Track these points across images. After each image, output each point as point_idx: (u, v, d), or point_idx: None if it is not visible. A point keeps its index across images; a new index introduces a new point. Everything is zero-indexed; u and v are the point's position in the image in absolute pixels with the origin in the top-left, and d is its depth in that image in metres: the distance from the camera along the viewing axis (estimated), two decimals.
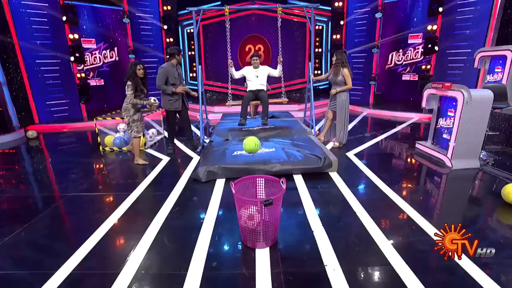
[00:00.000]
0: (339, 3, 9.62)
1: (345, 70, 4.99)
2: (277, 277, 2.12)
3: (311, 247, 2.44)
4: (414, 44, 9.02)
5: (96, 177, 4.24)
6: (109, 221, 2.93)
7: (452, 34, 7.68)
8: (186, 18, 10.64)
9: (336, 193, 3.47)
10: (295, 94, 11.09)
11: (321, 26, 10.57)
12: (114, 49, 9.75)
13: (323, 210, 3.05)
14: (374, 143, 5.62)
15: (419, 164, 4.45)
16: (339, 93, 5.11)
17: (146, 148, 5.47)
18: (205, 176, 3.88)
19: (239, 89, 10.16)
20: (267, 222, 2.38)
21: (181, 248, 2.50)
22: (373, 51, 9.35)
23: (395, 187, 3.57)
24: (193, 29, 5.71)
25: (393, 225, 2.79)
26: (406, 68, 9.36)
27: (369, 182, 3.77)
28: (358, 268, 2.19)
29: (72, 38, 7.57)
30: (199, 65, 5.71)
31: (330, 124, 5.58)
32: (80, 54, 7.66)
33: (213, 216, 2.99)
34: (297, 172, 3.97)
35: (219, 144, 5.02)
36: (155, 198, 3.50)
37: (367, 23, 9.38)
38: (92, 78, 9.29)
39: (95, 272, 2.23)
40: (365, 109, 8.99)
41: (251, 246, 2.46)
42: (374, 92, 9.60)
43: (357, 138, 5.92)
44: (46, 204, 3.39)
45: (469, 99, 3.82)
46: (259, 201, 2.26)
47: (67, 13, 7.28)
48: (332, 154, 4.23)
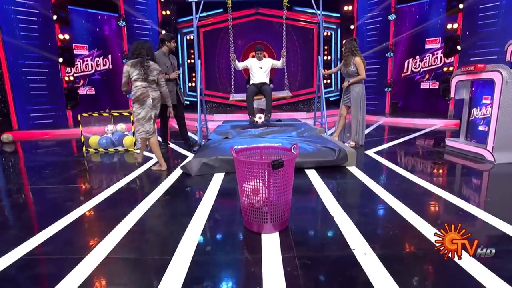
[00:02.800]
0: (349, 7, 9.72)
1: (356, 58, 4.78)
2: (290, 262, 1.76)
3: (332, 232, 2.14)
4: (432, 49, 8.94)
5: (73, 173, 3.95)
6: (79, 210, 2.61)
7: (476, 32, 7.58)
8: (186, 26, 10.81)
9: (357, 183, 3.22)
10: (302, 106, 10.95)
11: (329, 33, 10.65)
12: (108, 57, 9.79)
13: (343, 198, 2.80)
14: (397, 143, 5.32)
15: (454, 161, 4.11)
16: (353, 85, 4.87)
17: (136, 149, 5.19)
18: (198, 169, 3.55)
19: None
20: (276, 201, 2.03)
21: (167, 234, 2.20)
22: (387, 55, 9.27)
23: (429, 178, 3.25)
24: (193, 30, 5.68)
25: (434, 210, 2.46)
26: (425, 75, 9.21)
27: (396, 175, 3.49)
28: (396, 252, 1.85)
29: (62, 38, 7.57)
30: (198, 59, 5.57)
31: (344, 122, 5.29)
32: (70, 56, 7.61)
33: (209, 204, 2.64)
34: (308, 165, 3.69)
35: (218, 141, 4.72)
36: (139, 190, 3.24)
37: (380, 26, 9.40)
38: (82, 86, 9.22)
39: (51, 257, 1.87)
40: (381, 117, 8.73)
41: (255, 231, 2.09)
42: (390, 100, 9.39)
43: (375, 141, 5.61)
44: (8, 195, 3.06)
45: (509, 77, 3.54)
46: (266, 163, 1.92)
47: (59, 12, 7.32)
48: (349, 147, 3.92)
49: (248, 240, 2.04)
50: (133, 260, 1.86)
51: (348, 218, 2.31)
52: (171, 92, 4.66)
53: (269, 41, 10.43)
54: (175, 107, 4.81)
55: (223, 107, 11.04)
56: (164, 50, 4.65)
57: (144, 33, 9.88)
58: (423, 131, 6.60)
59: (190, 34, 10.78)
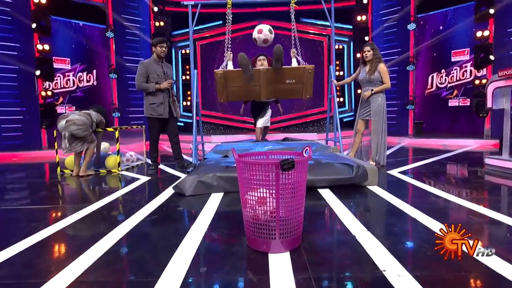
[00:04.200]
0: (362, 17, 9.98)
1: (381, 65, 4.80)
2: (305, 284, 1.61)
3: (355, 252, 2.02)
4: (459, 61, 9.06)
5: (42, 194, 3.89)
6: (46, 231, 2.50)
7: (508, 41, 7.67)
8: (181, 39, 11.10)
9: (380, 202, 3.14)
10: (312, 127, 10.95)
11: (341, 46, 10.88)
12: (93, 72, 9.97)
13: (365, 217, 2.73)
14: (426, 163, 5.23)
15: (496, 181, 4.00)
16: (373, 96, 4.84)
17: (121, 170, 5.11)
18: (192, 188, 3.45)
19: (244, 120, 10.11)
20: (286, 215, 1.92)
21: (154, 253, 2.08)
22: (408, 68, 9.39)
23: (469, 197, 3.16)
24: (189, 38, 5.86)
25: (480, 230, 2.33)
26: (452, 91, 9.26)
27: (427, 193, 3.39)
28: (437, 273, 1.72)
29: (41, 49, 7.73)
30: (194, 69, 5.64)
31: (361, 140, 5.21)
32: (49, 68, 7.74)
33: (205, 223, 2.52)
34: (321, 184, 3.59)
35: (216, 159, 4.65)
36: (121, 210, 3.14)
37: (398, 36, 9.60)
38: (61, 104, 9.31)
39: (4, 282, 1.75)
40: (404, 139, 8.68)
41: (261, 250, 1.95)
42: (414, 120, 9.38)
43: (399, 161, 5.52)
44: None
45: None
46: (274, 163, 1.82)
47: (39, 20, 7.54)
48: (369, 164, 3.83)
49: (252, 261, 1.90)
50: (109, 283, 1.71)
51: (373, 237, 2.17)
52: (162, 104, 4.66)
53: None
54: (167, 121, 4.79)
55: (221, 129, 11.07)
56: (154, 56, 4.71)
57: (134, 45, 10.14)
58: (454, 152, 6.49)
59: (185, 48, 11.02)
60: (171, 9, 10.67)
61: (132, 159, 5.78)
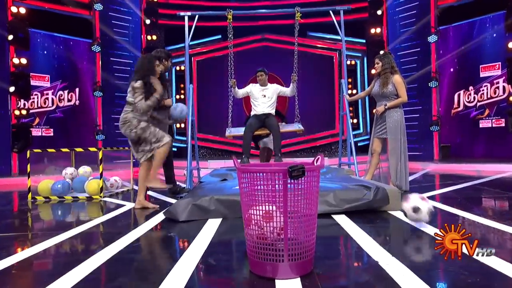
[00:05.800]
0: (376, 30, 10.19)
1: (396, 76, 4.80)
2: None
3: (380, 279, 1.93)
4: (490, 77, 9.13)
5: (8, 222, 3.91)
6: (10, 259, 2.43)
7: None
8: (175, 54, 11.32)
9: (404, 227, 3.16)
10: (322, 152, 10.93)
11: (354, 62, 11.05)
12: (75, 90, 10.11)
13: (388, 243, 2.75)
14: (455, 188, 5.19)
15: None
16: (389, 111, 4.81)
17: (104, 197, 5.07)
18: (186, 212, 3.40)
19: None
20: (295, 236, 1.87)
21: (141, 279, 2.03)
22: (430, 85, 9.46)
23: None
24: (185, 51, 6.07)
25: None
26: (483, 111, 9.27)
27: (460, 218, 3.35)
28: None
29: (18, 63, 7.87)
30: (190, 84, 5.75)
31: (377, 161, 5.12)
32: (25, 85, 7.85)
33: (201, 249, 2.46)
34: (335, 210, 3.53)
35: (214, 182, 4.63)
36: (102, 236, 3.11)
37: (418, 50, 9.75)
38: (37, 126, 9.36)
39: None
40: (428, 164, 8.62)
41: (267, 275, 1.88)
42: (439, 143, 9.35)
43: (423, 187, 5.47)
44: None
45: None
46: (281, 171, 1.78)
47: (16, 32, 7.72)
48: (389, 186, 3.78)
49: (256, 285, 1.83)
50: None
51: (399, 263, 2.10)
52: (162, 123, 4.67)
53: (278, 71, 10.80)
54: None
55: (220, 154, 11.06)
56: (158, 71, 4.77)
57: (123, 61, 10.32)
58: (489, 178, 6.42)
59: (180, 64, 11.22)
60: (164, 22, 10.97)
61: (116, 185, 5.74)
